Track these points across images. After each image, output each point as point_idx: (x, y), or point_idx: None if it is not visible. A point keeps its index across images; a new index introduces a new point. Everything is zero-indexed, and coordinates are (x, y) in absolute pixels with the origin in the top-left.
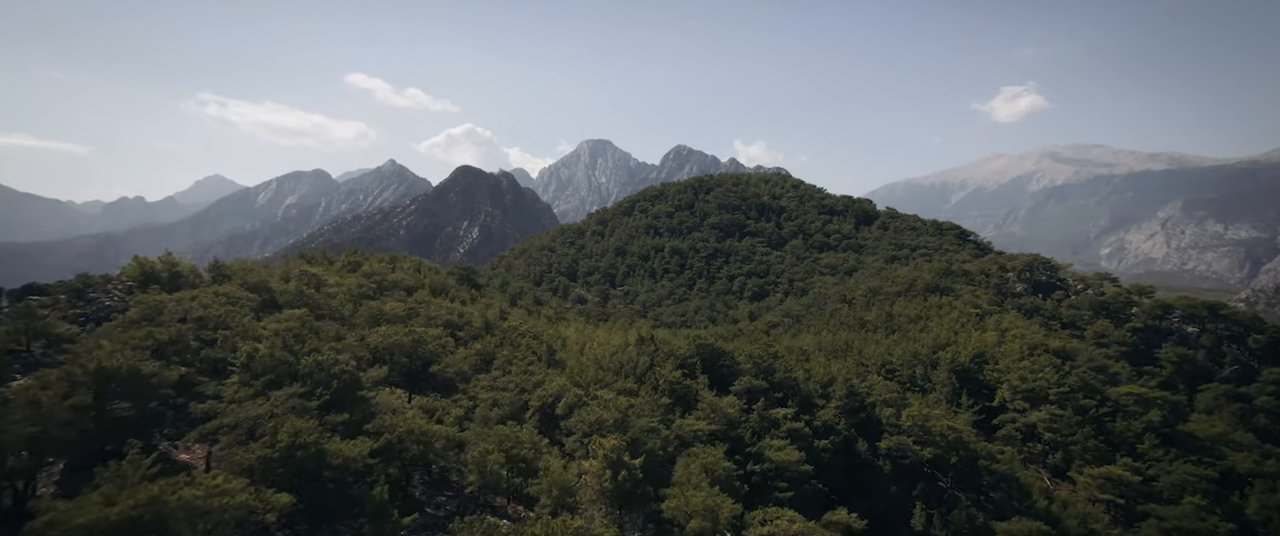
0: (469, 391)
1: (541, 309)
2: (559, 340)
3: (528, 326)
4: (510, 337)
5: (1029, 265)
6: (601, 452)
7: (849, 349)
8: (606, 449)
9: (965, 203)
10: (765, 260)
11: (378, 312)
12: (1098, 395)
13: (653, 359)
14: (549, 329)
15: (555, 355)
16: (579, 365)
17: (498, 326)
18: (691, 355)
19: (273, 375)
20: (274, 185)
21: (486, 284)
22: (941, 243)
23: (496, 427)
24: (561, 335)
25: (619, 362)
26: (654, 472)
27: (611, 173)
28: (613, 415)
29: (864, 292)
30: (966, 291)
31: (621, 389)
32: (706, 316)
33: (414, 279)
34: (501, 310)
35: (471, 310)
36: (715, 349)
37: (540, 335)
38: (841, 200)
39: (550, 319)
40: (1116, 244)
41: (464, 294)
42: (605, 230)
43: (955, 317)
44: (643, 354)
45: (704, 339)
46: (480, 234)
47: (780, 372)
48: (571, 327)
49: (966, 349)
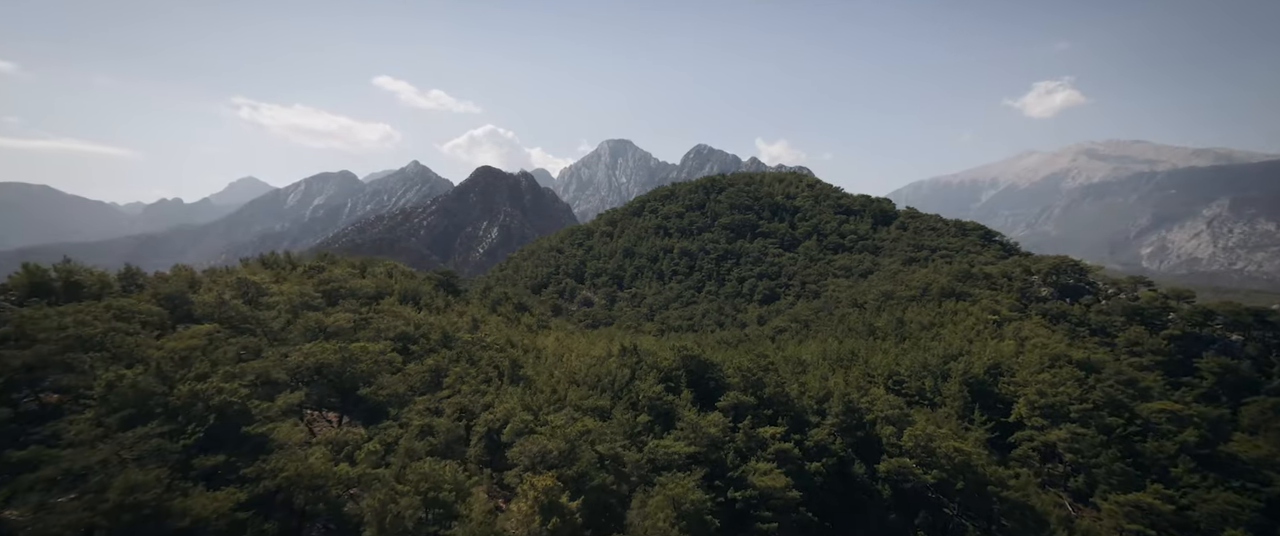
0: (403, 417)
1: (522, 316)
2: (533, 352)
3: (498, 337)
4: (470, 351)
5: (1055, 268)
6: (532, 494)
7: (855, 358)
8: (538, 490)
9: (995, 201)
10: (777, 262)
11: (318, 326)
12: (1126, 412)
13: (634, 371)
14: (526, 339)
15: (519, 370)
16: (549, 381)
17: (457, 340)
18: (676, 367)
19: (134, 409)
20: (303, 186)
21: (467, 289)
22: (964, 244)
23: (416, 464)
24: (539, 346)
25: (596, 376)
26: (604, 512)
27: (632, 172)
28: (558, 444)
29: (876, 297)
30: (986, 296)
31: (593, 407)
32: (714, 320)
33: (382, 285)
34: (474, 319)
35: (435, 321)
36: (702, 361)
37: (514, 346)
38: (859, 200)
39: (531, 327)
40: (1158, 243)
41: (440, 301)
42: (615, 231)
43: (971, 325)
44: (623, 366)
45: (690, 350)
46: (499, 234)
47: (770, 387)
48: (551, 337)
49: (981, 359)
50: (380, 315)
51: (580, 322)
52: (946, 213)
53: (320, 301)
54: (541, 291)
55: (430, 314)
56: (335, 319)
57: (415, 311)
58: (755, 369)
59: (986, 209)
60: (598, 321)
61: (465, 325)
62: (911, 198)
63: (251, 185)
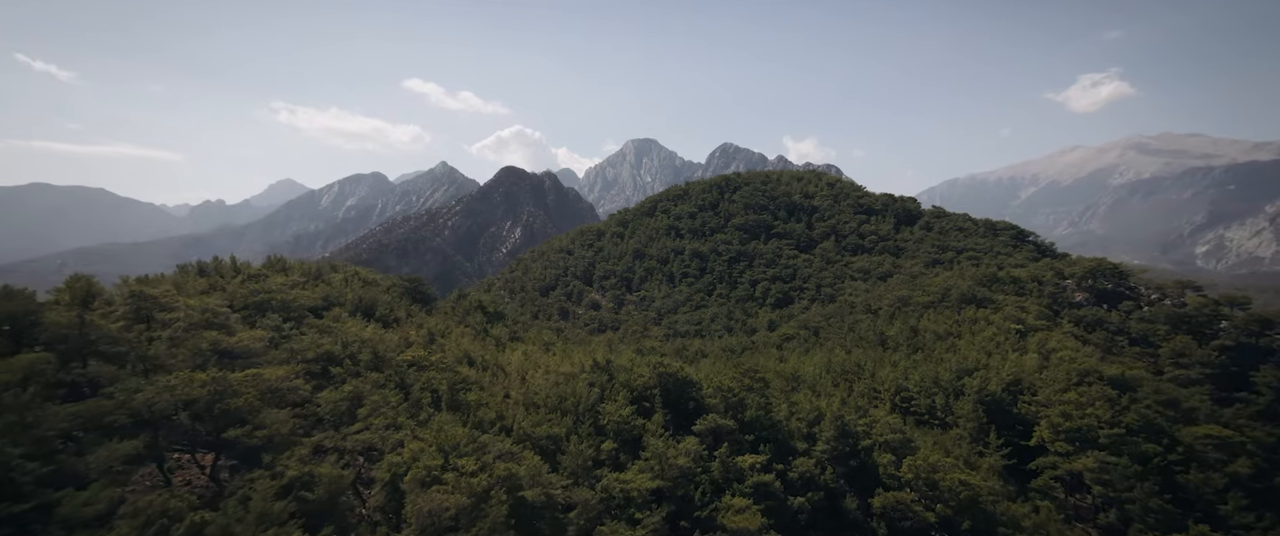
0: (279, 464)
1: (493, 328)
2: (493, 370)
3: (455, 354)
4: (406, 374)
5: (1091, 271)
6: None
7: (860, 371)
8: None
9: (1036, 199)
10: (792, 264)
11: (214, 348)
12: (1165, 437)
13: (604, 391)
14: (490, 354)
15: (461, 394)
16: (499, 405)
17: (391, 360)
18: (652, 385)
19: None
20: (336, 187)
21: (438, 298)
22: (993, 244)
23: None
24: (502, 362)
25: (559, 397)
26: None
27: (657, 172)
28: (459, 500)
29: (890, 303)
30: (1010, 303)
31: (546, 435)
32: (723, 325)
33: (334, 294)
34: (431, 333)
35: (380, 337)
36: (679, 379)
37: (472, 364)
38: (881, 198)
39: (501, 340)
40: (1215, 241)
41: (401, 312)
42: (626, 232)
43: (990, 335)
44: (591, 385)
45: (667, 366)
46: (522, 234)
47: (752, 410)
48: (518, 352)
49: (999, 375)
50: (308, 332)
51: (586, 326)
52: (982, 211)
53: (232, 317)
54: (549, 294)
55: (383, 328)
56: (242, 339)
57: (364, 325)
58: (737, 388)
59: (1026, 207)
60: (604, 325)
61: (420, 340)
62: (946, 196)
63: (289, 187)
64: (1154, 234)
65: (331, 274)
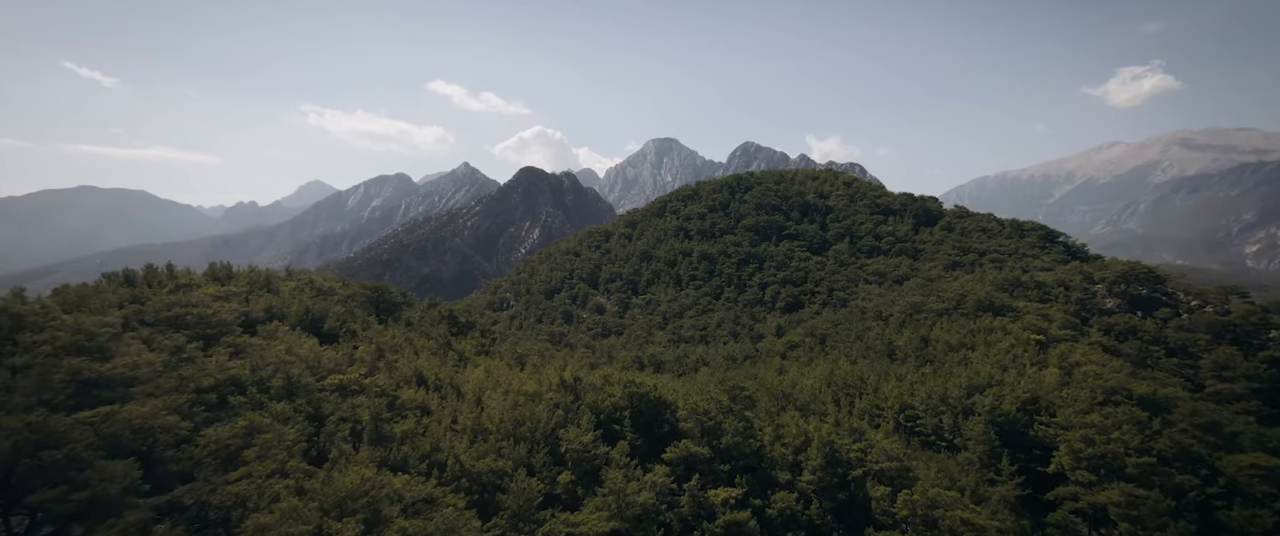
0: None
1: (460, 341)
2: (449, 390)
3: (398, 375)
4: (324, 400)
5: (1124, 274)
6: None
7: (863, 386)
8: None
9: (1072, 197)
10: (803, 267)
11: (75, 377)
12: (1204, 467)
13: (569, 413)
14: (447, 373)
15: (387, 425)
16: (437, 437)
17: (305, 386)
18: (622, 406)
19: None
20: (362, 189)
21: (407, 306)
22: (1019, 246)
23: None
24: (459, 382)
25: (515, 422)
26: None
27: (677, 171)
28: None
29: (902, 309)
30: (1032, 310)
31: (487, 470)
32: (729, 330)
33: (280, 305)
34: (381, 349)
35: (311, 356)
36: (651, 399)
37: (422, 385)
38: (899, 198)
39: (466, 355)
40: (1268, 241)
41: (357, 323)
42: (634, 233)
43: (1006, 347)
44: (558, 406)
45: (640, 386)
46: (541, 234)
47: (729, 435)
48: (480, 370)
49: (1015, 392)
50: (217, 353)
51: (589, 330)
52: (1015, 210)
53: (125, 338)
54: (554, 297)
55: (324, 345)
56: (117, 366)
57: (304, 341)
58: (713, 411)
59: (1061, 205)
60: (607, 330)
61: (367, 357)
62: (976, 194)
63: (318, 188)
64: (1199, 233)
65: (282, 283)
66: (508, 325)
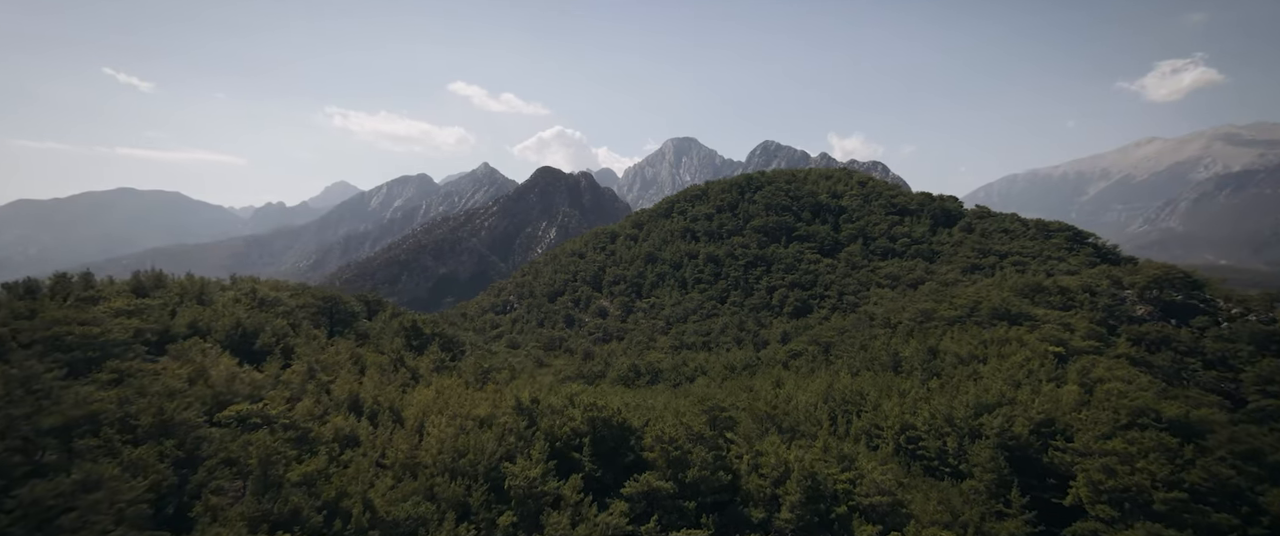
0: None
1: (417, 357)
2: (389, 416)
3: (332, 399)
4: (203, 438)
5: (1157, 279)
6: None
7: (862, 402)
8: None
9: (1106, 195)
10: (813, 269)
11: None
12: (1245, 504)
13: (522, 440)
14: (390, 395)
15: (280, 469)
16: (353, 477)
17: (184, 422)
18: (584, 432)
19: None
20: (384, 189)
21: (366, 316)
22: (1043, 248)
23: None
24: (404, 406)
25: (457, 453)
26: None
27: (696, 171)
28: None
29: (911, 316)
30: (1053, 318)
31: (406, 518)
32: (733, 336)
33: (208, 318)
34: (313, 368)
35: (222, 379)
36: (614, 424)
37: (357, 412)
38: (917, 198)
39: (419, 373)
40: None
41: (299, 338)
42: (640, 234)
43: (1021, 360)
44: (511, 433)
45: (602, 410)
46: (557, 234)
47: (696, 468)
48: (429, 391)
49: (1028, 412)
50: (77, 384)
51: (591, 335)
52: (1046, 208)
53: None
54: (556, 300)
55: (247, 364)
56: None
57: (224, 360)
58: (681, 438)
59: (1095, 203)
60: (609, 334)
61: (296, 378)
62: (1004, 193)
63: (343, 189)
64: (1244, 232)
65: (220, 293)
66: (509, 328)
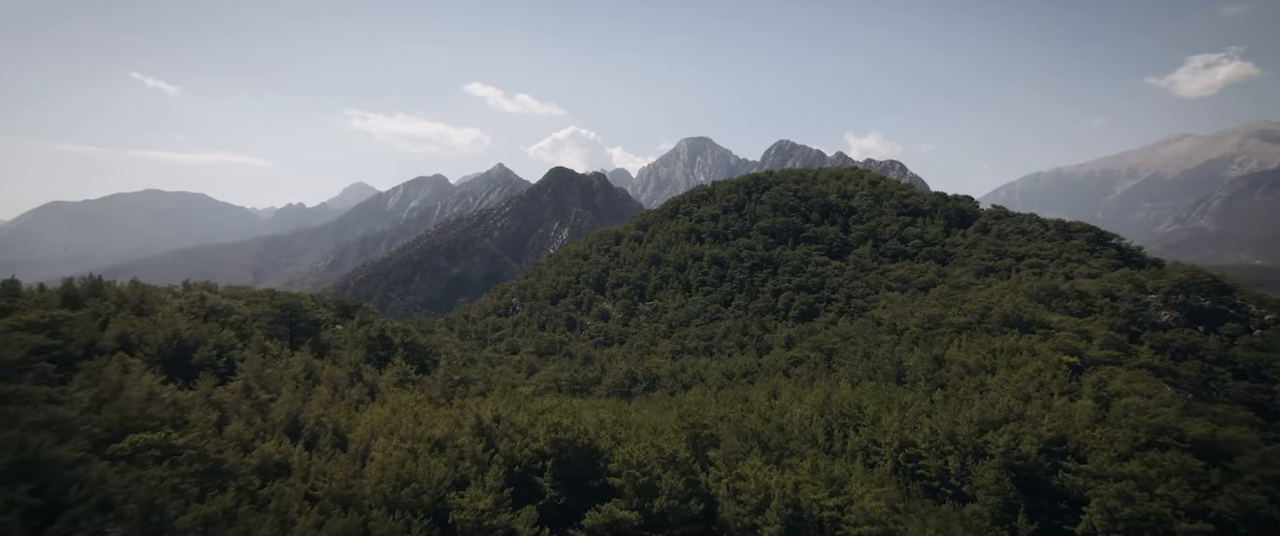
0: None
1: (378, 372)
2: (332, 439)
3: (247, 425)
4: (71, 480)
5: (1182, 283)
6: None
7: (860, 415)
8: None
9: (1134, 194)
10: (820, 272)
11: None
12: None
13: (478, 465)
14: (336, 415)
15: (168, 513)
16: (272, 514)
17: (53, 459)
18: (548, 454)
19: None
20: (401, 190)
21: (330, 325)
22: (1063, 249)
23: None
24: (351, 427)
25: (402, 481)
26: None
27: (711, 170)
28: None
29: (918, 322)
30: (1070, 324)
31: None
32: (736, 341)
33: (141, 330)
34: (248, 386)
35: (131, 401)
36: (581, 447)
37: (296, 434)
38: (931, 198)
39: (378, 387)
40: None
41: (250, 350)
42: (645, 235)
43: (1032, 371)
44: (465, 457)
45: (567, 430)
46: (570, 235)
47: (665, 497)
48: (385, 408)
49: (1037, 430)
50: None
51: (592, 339)
52: (1070, 208)
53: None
54: (558, 302)
55: (182, 383)
56: None
57: (146, 378)
58: (650, 462)
59: (1122, 202)
60: (610, 338)
61: (229, 397)
62: (1027, 192)
63: (361, 190)
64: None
65: (163, 301)
66: (511, 331)
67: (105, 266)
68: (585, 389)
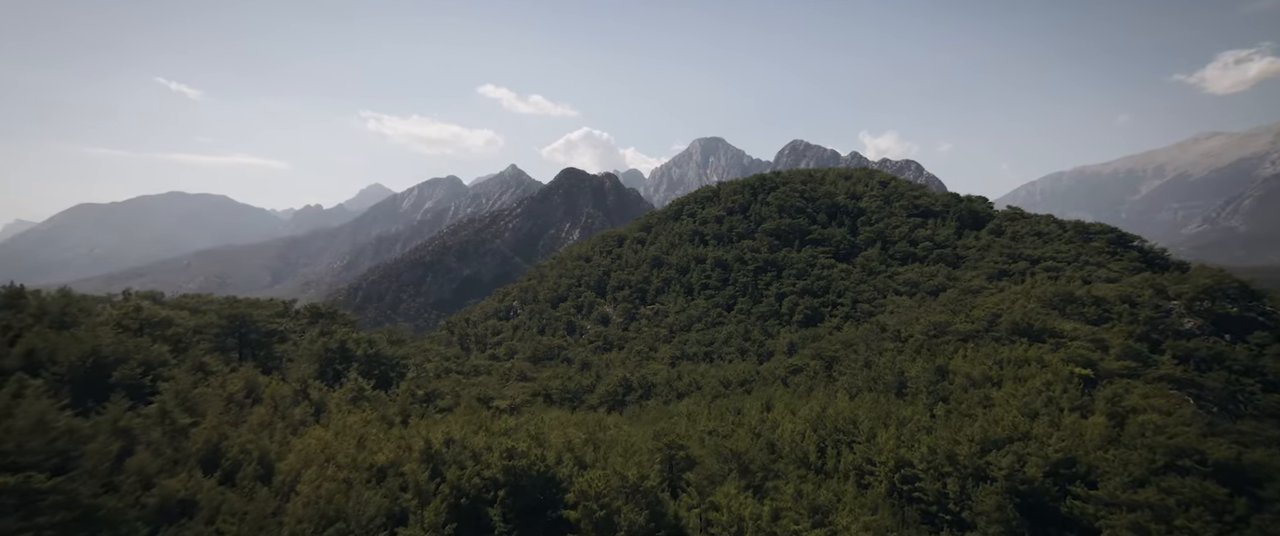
0: None
1: (336, 388)
2: (255, 469)
3: (154, 456)
4: None
5: (1208, 289)
6: None
7: (855, 431)
8: None
9: (1161, 193)
10: (826, 275)
11: None
12: None
13: (419, 498)
14: (265, 442)
15: None
16: None
17: None
18: (501, 483)
19: None
20: (416, 191)
21: (284, 337)
22: (1081, 252)
23: None
24: (282, 453)
25: (327, 518)
26: None
27: (724, 171)
28: None
29: (923, 330)
30: (1084, 333)
31: None
32: (737, 346)
33: (51, 347)
34: (165, 410)
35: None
36: (537, 475)
37: (212, 464)
38: (943, 198)
39: (324, 406)
40: None
41: (186, 365)
42: (648, 237)
43: (1041, 385)
44: (403, 490)
45: (524, 455)
46: (581, 236)
47: (623, 533)
48: (328, 432)
49: (1044, 450)
50: None
51: (592, 343)
52: (1094, 208)
53: None
54: (558, 306)
55: (87, 406)
56: None
57: (38, 404)
58: (609, 492)
59: (1148, 202)
60: (610, 343)
61: (140, 424)
62: (1048, 191)
63: (377, 191)
64: None
65: (92, 312)
66: (510, 335)
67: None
68: (577, 397)
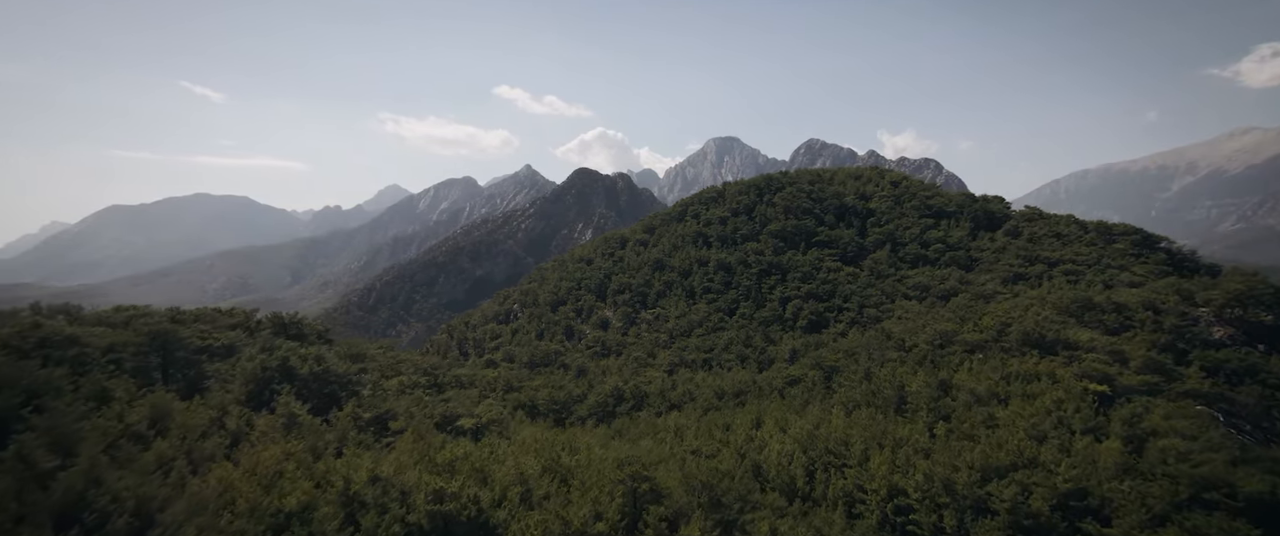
0: None
1: (266, 414)
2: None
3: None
4: None
5: (1239, 295)
6: None
7: (847, 453)
8: None
9: (1193, 190)
10: (832, 278)
11: None
12: None
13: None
14: (153, 485)
15: None
16: None
17: None
18: (427, 530)
19: None
20: (432, 192)
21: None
22: (1103, 255)
23: None
24: (172, 495)
25: None
26: None
27: (738, 170)
28: None
29: (928, 339)
30: (1102, 344)
31: None
32: (737, 353)
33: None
34: (23, 451)
35: None
36: (467, 521)
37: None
38: (957, 198)
39: (246, 434)
40: None
41: (119, 390)
42: (651, 239)
43: (1051, 403)
44: (358, 517)
45: (452, 499)
46: (593, 236)
47: None
48: (236, 470)
49: (1052, 480)
50: None
51: (589, 349)
52: (1122, 206)
53: None
54: (558, 309)
55: None
56: None
57: None
58: (554, 527)
59: (1180, 200)
60: (608, 349)
61: (11, 463)
62: (1073, 189)
63: (394, 192)
64: None
65: (44, 326)
66: (509, 339)
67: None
68: (566, 409)
